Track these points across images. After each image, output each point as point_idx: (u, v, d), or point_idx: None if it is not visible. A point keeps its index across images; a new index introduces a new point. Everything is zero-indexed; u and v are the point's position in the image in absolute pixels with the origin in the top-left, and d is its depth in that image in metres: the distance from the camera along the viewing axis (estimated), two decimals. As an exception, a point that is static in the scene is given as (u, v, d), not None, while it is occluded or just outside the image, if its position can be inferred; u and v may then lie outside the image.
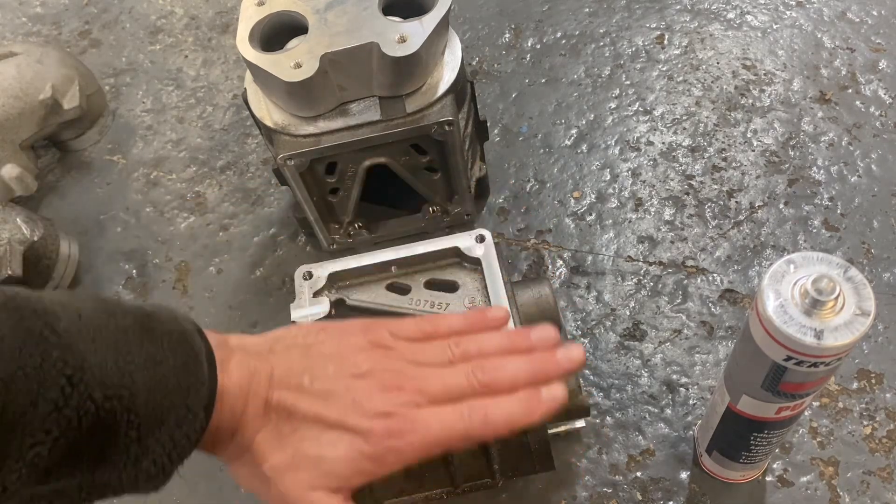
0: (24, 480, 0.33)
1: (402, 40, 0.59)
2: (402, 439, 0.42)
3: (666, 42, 0.91)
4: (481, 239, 0.63)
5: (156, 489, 0.39)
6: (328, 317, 0.61)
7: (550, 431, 0.59)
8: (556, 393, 0.44)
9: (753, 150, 0.81)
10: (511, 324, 0.52)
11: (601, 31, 0.93)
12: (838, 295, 0.41)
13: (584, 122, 0.85)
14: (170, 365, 0.38)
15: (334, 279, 0.63)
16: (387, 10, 0.62)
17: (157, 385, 0.37)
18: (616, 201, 0.79)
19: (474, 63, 0.92)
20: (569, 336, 0.71)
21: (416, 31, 0.60)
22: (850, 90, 0.84)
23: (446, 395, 0.44)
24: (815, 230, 0.75)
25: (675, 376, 0.68)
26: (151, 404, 0.37)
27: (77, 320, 0.36)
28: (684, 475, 0.64)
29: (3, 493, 0.32)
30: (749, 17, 0.91)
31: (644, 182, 0.80)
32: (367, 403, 0.43)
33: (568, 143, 0.84)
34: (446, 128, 0.63)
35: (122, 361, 0.36)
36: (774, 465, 0.63)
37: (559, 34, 0.93)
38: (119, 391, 0.36)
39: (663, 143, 0.83)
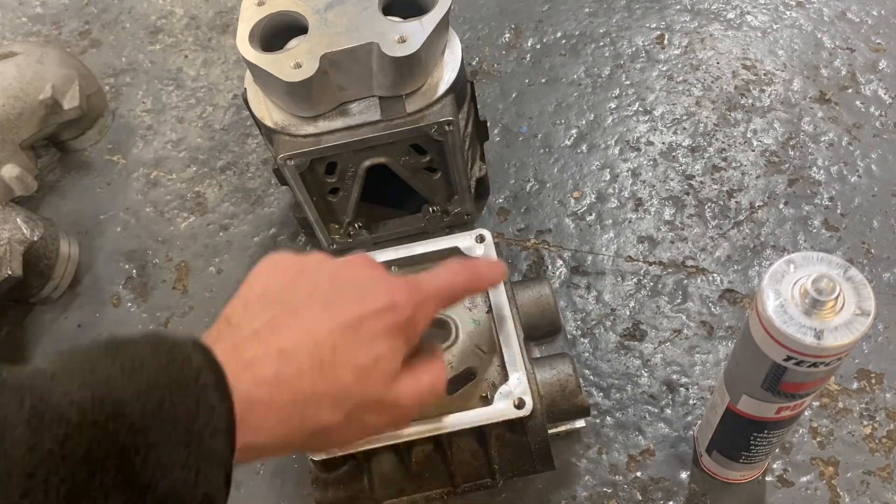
0: None
1: (402, 40, 0.59)
2: (420, 294, 0.44)
3: (666, 42, 0.91)
4: (481, 239, 0.63)
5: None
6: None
7: (550, 431, 0.59)
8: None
9: (753, 150, 0.81)
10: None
11: (601, 31, 0.93)
12: (838, 295, 0.41)
13: (584, 122, 0.85)
14: (152, 365, 0.33)
15: (334, 279, 0.63)
16: (387, 10, 0.62)
17: (142, 387, 0.33)
18: (616, 201, 0.79)
19: (474, 63, 0.92)
20: (568, 336, 0.71)
21: (416, 31, 0.60)
22: (850, 90, 0.84)
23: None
24: (815, 230, 0.75)
25: (675, 376, 0.68)
26: (143, 408, 0.32)
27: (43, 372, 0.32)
28: (684, 475, 0.64)
29: None
30: (749, 17, 0.91)
31: (644, 182, 0.80)
32: (375, 292, 0.43)
33: (568, 143, 0.84)
34: (446, 128, 0.63)
35: (92, 376, 0.32)
36: (774, 465, 0.63)
37: (559, 34, 0.93)
38: (98, 406, 0.31)
39: (663, 143, 0.83)
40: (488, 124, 0.76)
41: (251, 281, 0.43)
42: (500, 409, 0.54)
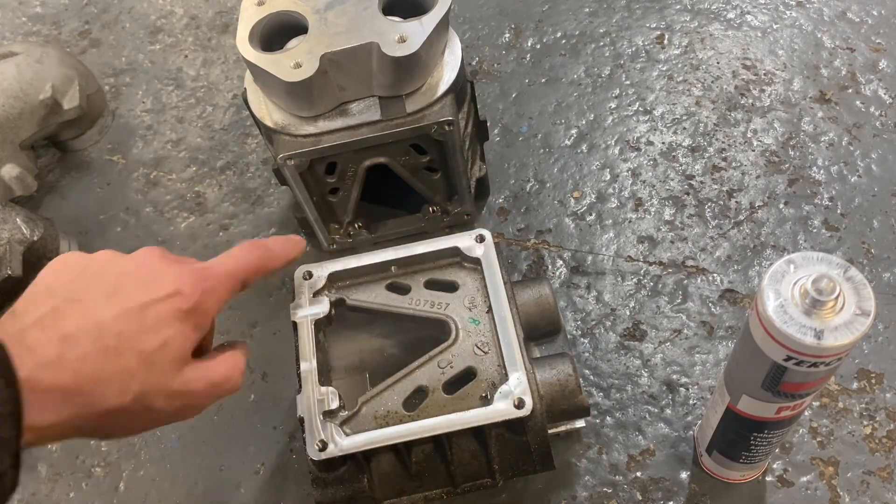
0: None
1: (402, 40, 0.59)
2: (208, 279, 0.45)
3: (666, 42, 0.91)
4: (481, 239, 0.63)
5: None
6: (328, 316, 0.61)
7: (550, 431, 0.59)
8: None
9: (753, 150, 0.81)
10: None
11: (601, 31, 0.93)
12: (838, 295, 0.41)
13: (584, 122, 0.85)
14: None
15: (334, 279, 0.63)
16: (387, 10, 0.62)
17: None
18: (616, 201, 0.79)
19: (474, 63, 0.92)
20: (568, 336, 0.71)
21: (416, 31, 0.60)
22: (850, 90, 0.84)
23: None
24: (815, 230, 0.75)
25: (675, 376, 0.68)
26: None
27: None
28: (684, 475, 0.64)
29: None
30: (749, 17, 0.91)
31: (644, 182, 0.80)
32: (160, 280, 0.44)
33: (568, 143, 0.84)
34: (446, 128, 0.63)
35: None
36: (774, 465, 0.63)
37: (559, 34, 0.93)
38: None
39: (663, 142, 0.83)
40: (488, 124, 0.76)
41: (38, 279, 0.44)
42: (500, 408, 0.54)
